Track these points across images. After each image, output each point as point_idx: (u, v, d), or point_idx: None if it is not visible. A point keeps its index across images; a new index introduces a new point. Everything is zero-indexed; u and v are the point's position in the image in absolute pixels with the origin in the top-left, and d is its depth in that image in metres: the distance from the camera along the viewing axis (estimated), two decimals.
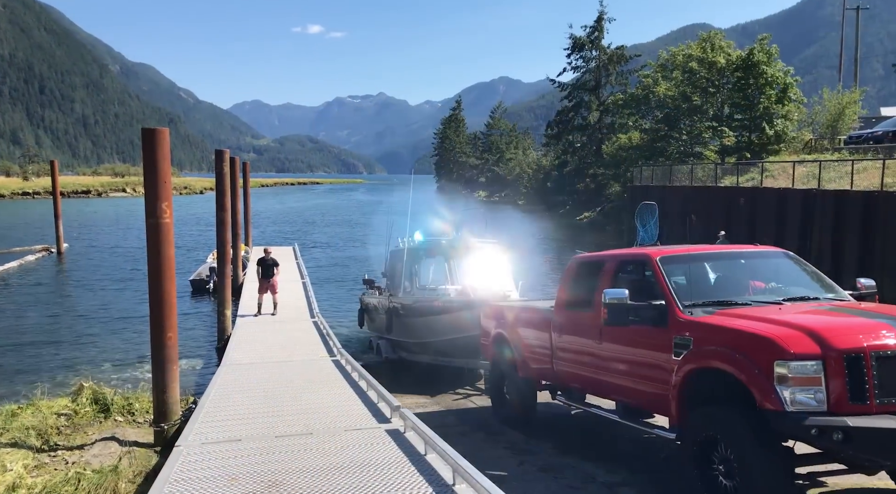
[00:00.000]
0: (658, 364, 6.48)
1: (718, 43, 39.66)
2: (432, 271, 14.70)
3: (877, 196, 19.75)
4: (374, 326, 16.60)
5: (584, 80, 66.10)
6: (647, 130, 44.72)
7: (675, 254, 7.36)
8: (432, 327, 13.03)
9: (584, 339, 7.82)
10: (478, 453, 8.70)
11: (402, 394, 11.46)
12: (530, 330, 9.13)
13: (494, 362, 10.22)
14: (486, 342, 10.52)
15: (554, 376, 8.74)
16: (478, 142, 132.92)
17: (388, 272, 16.05)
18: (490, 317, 10.49)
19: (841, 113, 35.82)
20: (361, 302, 17.75)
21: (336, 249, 40.68)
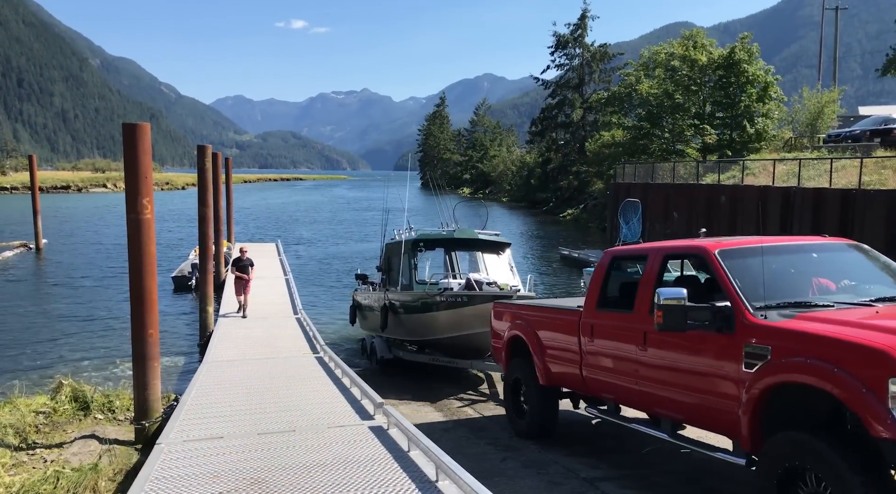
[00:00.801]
0: (722, 375, 5.53)
1: (700, 41, 39.97)
2: (432, 264, 14.03)
3: (855, 194, 20.03)
4: (368, 324, 15.88)
5: (567, 77, 66.40)
6: (630, 128, 44.97)
7: (737, 247, 6.28)
8: (433, 324, 12.22)
9: (623, 344, 6.83)
10: (461, 449, 8.73)
11: (399, 400, 11.16)
12: (555, 332, 8.15)
13: (510, 368, 9.13)
14: (499, 345, 9.46)
15: (583, 385, 7.76)
16: (462, 139, 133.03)
17: (384, 266, 15.17)
18: (503, 317, 9.40)
19: (820, 112, 36.26)
20: (353, 298, 16.91)
21: (320, 246, 40.54)
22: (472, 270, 13.30)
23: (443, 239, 13.88)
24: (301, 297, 18.65)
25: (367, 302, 15.75)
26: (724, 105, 37.96)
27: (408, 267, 13.35)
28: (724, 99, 37.94)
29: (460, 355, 12.48)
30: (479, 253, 13.83)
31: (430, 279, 13.05)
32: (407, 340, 14.16)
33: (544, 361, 8.27)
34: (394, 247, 14.57)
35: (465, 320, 11.39)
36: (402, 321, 13.31)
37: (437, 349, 13.22)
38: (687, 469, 7.96)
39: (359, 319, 16.63)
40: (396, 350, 14.25)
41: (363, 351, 15.49)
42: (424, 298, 12.29)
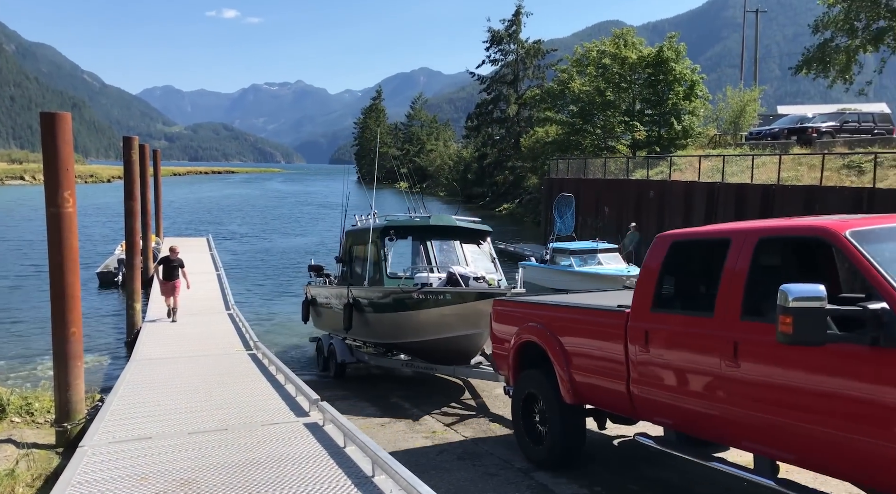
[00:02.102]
0: (881, 405, 4.09)
1: (630, 40, 41.00)
2: (405, 255, 12.68)
3: (774, 189, 21.00)
4: (325, 322, 14.36)
5: (502, 73, 67.04)
6: (563, 124, 45.80)
7: (875, 228, 4.75)
8: (410, 325, 10.77)
9: (698, 357, 5.36)
10: (397, 443, 8.75)
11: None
12: (588, 338, 6.71)
13: (521, 381, 7.68)
14: (503, 352, 8.01)
15: (628, 405, 6.25)
16: (399, 132, 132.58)
17: (345, 256, 13.43)
18: (509, 319, 7.96)
19: (742, 110, 37.79)
20: (306, 293, 15.35)
21: (254, 240, 39.72)
22: (448, 262, 11.75)
23: (416, 226, 12.18)
24: (234, 293, 18.24)
25: (323, 298, 14.22)
26: (653, 102, 39.10)
27: (376, 258, 11.66)
28: (652, 96, 39.07)
29: (441, 360, 11.08)
30: (456, 243, 12.26)
31: (406, 273, 11.48)
32: (376, 343, 12.70)
33: (570, 374, 6.81)
34: (357, 234, 12.89)
35: (449, 320, 10.04)
36: (370, 321, 11.85)
37: (412, 353, 11.88)
38: (616, 458, 8.21)
39: (312, 316, 15.15)
40: (360, 353, 12.90)
41: (318, 352, 14.05)
42: (398, 295, 10.77)
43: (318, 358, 14.05)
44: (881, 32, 19.71)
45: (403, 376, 12.98)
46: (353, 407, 10.57)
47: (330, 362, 13.07)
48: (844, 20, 20.04)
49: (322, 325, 14.73)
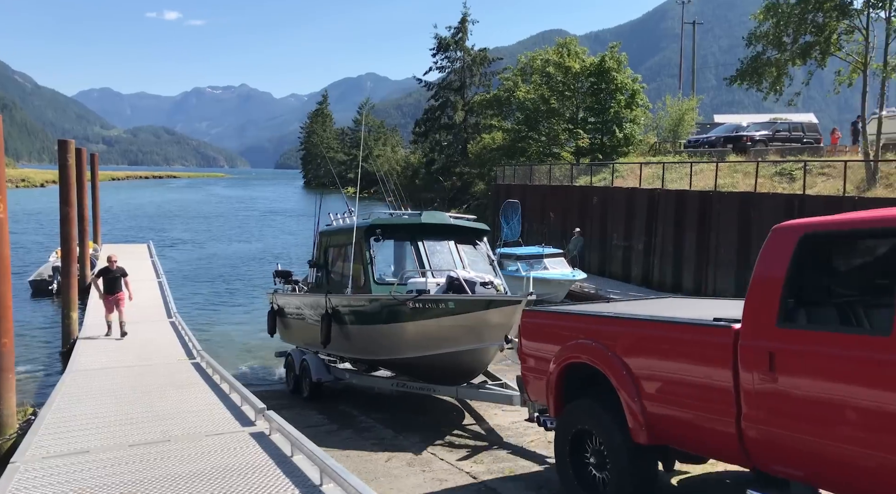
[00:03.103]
0: None
1: (574, 49, 41.87)
2: (395, 258, 11.37)
3: (711, 195, 21.72)
4: (296, 335, 13.06)
5: (449, 79, 67.41)
6: (509, 131, 46.36)
7: None
8: (404, 339, 9.53)
9: (867, 390, 4.03)
10: (346, 451, 8.71)
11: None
12: (672, 360, 5.28)
13: (568, 413, 6.26)
14: (538, 375, 6.67)
15: (738, 449, 4.87)
16: (346, 137, 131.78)
17: (319, 260, 12.20)
18: (547, 333, 6.65)
19: (681, 119, 39.04)
20: (272, 302, 13.91)
21: (197, 247, 38.81)
22: (442, 265, 10.49)
23: (407, 224, 10.82)
24: (177, 301, 17.80)
25: (293, 308, 12.84)
26: (596, 111, 39.97)
27: (361, 261, 10.41)
28: (595, 105, 39.94)
29: (440, 379, 9.83)
30: (450, 244, 10.85)
31: (399, 279, 10.02)
32: (359, 359, 11.45)
33: (644, 406, 5.41)
34: (335, 235, 11.69)
35: (452, 333, 8.80)
36: (354, 334, 10.60)
37: (404, 371, 10.70)
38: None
39: (280, 329, 13.76)
40: (339, 370, 11.69)
41: (288, 370, 12.63)
42: (390, 304, 9.49)
43: (287, 376, 12.64)
44: (808, 47, 20.63)
45: (381, 396, 11.92)
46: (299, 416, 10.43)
47: (303, 381, 11.78)
48: (774, 35, 20.93)
49: (292, 338, 13.36)
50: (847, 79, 20.90)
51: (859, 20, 19.97)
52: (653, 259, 23.57)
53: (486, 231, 11.42)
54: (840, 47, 20.67)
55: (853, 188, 18.71)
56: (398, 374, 11.00)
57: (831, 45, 20.43)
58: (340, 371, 11.73)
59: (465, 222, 11.34)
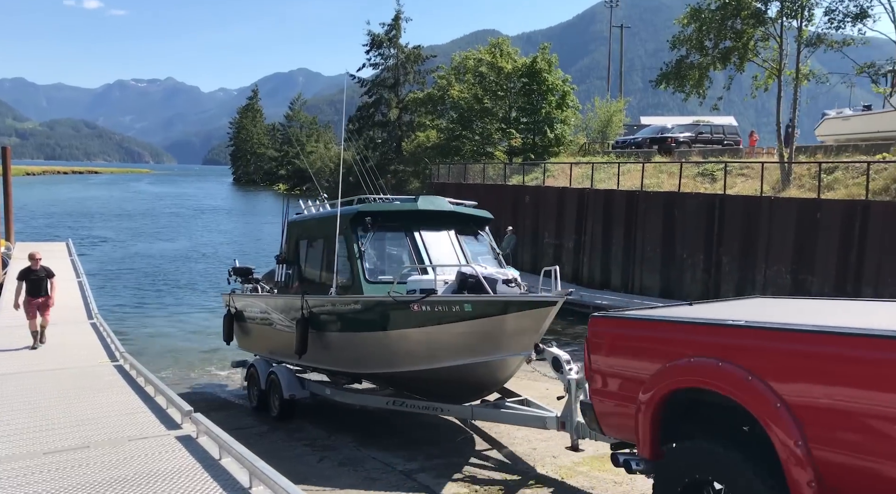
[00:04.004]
0: None
1: (506, 49, 42.37)
2: (384, 251, 9.51)
3: (638, 195, 22.40)
4: (259, 343, 11.58)
5: (383, 77, 67.13)
6: (444, 130, 46.52)
7: None
8: (407, 348, 8.18)
9: None
10: (278, 453, 8.58)
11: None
12: (869, 390, 3.76)
13: (677, 456, 4.76)
14: (622, 403, 5.14)
15: None
16: (277, 133, 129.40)
17: (290, 255, 10.64)
18: (636, 347, 5.14)
19: (609, 120, 40.05)
20: (229, 304, 12.36)
21: (120, 246, 37.34)
22: (442, 259, 9.09)
23: (401, 211, 9.53)
24: (98, 302, 17.06)
25: (257, 311, 11.33)
26: (528, 111, 40.56)
27: (348, 255, 8.98)
28: (527, 105, 40.53)
29: (447, 396, 8.39)
30: (450, 233, 9.46)
31: (398, 277, 8.33)
32: (344, 372, 10.00)
33: (815, 455, 3.94)
34: (311, 226, 10.36)
35: (467, 342, 7.52)
36: (339, 342, 9.26)
37: (402, 386, 9.33)
38: (500, 455, 8.48)
39: (238, 335, 12.29)
40: (315, 384, 10.23)
41: (250, 383, 11.12)
42: (389, 307, 8.15)
43: (249, 390, 11.13)
44: (728, 52, 21.55)
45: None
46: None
47: (271, 397, 10.32)
48: (697, 39, 21.78)
49: (254, 346, 11.89)
50: (763, 84, 21.92)
51: (774, 28, 20.99)
52: (582, 256, 24.14)
53: (490, 219, 10.10)
54: (757, 53, 21.67)
55: (769, 188, 19.65)
56: (395, 390, 9.53)
57: (749, 50, 21.41)
58: (318, 385, 10.16)
59: (467, 209, 9.95)
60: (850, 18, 19.13)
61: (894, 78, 20.43)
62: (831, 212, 17.12)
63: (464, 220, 9.80)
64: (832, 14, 19.47)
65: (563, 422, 7.31)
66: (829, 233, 17.01)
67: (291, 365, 10.69)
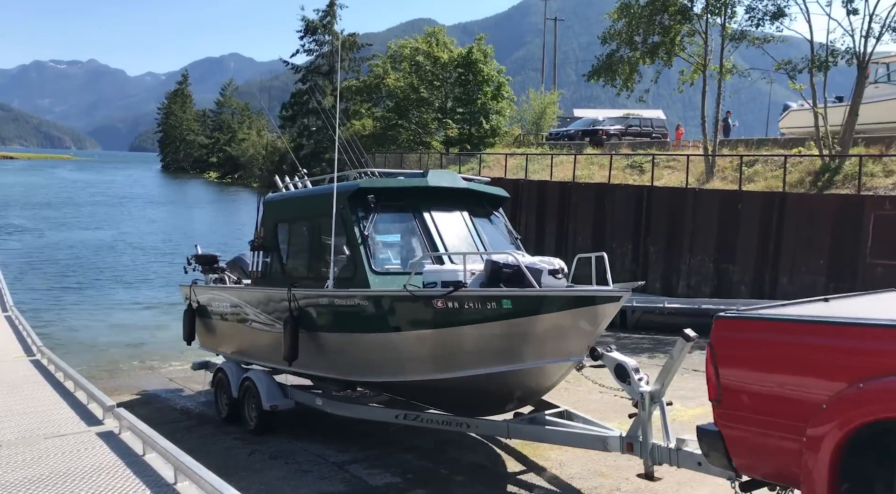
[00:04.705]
0: None
1: (442, 39, 42.38)
2: (392, 236, 8.10)
3: (570, 186, 22.85)
4: (232, 344, 10.12)
5: (317, 63, 66.18)
6: (380, 118, 46.24)
7: None
8: (428, 352, 6.93)
9: None
10: (206, 447, 8.40)
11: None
12: None
13: None
14: (772, 433, 4.07)
15: None
16: (207, 120, 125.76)
17: (268, 241, 9.04)
18: (797, 360, 4.00)
19: (543, 112, 40.64)
20: (189, 298, 10.73)
21: (40, 236, 35.61)
22: (460, 245, 7.84)
23: (408, 188, 8.09)
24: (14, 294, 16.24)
25: (226, 306, 9.85)
26: (464, 101, 40.75)
27: (347, 241, 7.58)
28: (463, 95, 40.71)
29: (472, 409, 7.18)
30: (463, 215, 8.19)
31: (413, 267, 7.06)
32: (339, 380, 8.50)
33: None
34: (298, 206, 9.08)
35: (505, 345, 6.32)
36: (339, 346, 7.92)
37: (416, 397, 7.96)
38: (431, 444, 8.53)
39: (201, 334, 10.81)
40: (301, 392, 8.89)
41: (219, 391, 9.72)
42: (404, 304, 6.91)
43: (218, 399, 9.78)
44: (656, 47, 22.19)
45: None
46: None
47: (245, 408, 9.03)
48: (626, 34, 22.36)
49: (222, 347, 10.42)
50: (690, 78, 22.67)
51: (699, 24, 21.72)
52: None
53: (506, 198, 8.99)
54: (683, 48, 22.39)
55: (694, 180, 20.37)
56: (408, 400, 8.14)
57: (675, 46, 22.09)
58: (306, 394, 8.76)
59: (483, 186, 8.78)
60: (769, 17, 19.98)
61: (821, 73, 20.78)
62: (751, 203, 17.88)
63: (477, 199, 8.54)
64: (753, 12, 20.31)
65: (630, 444, 6.02)
66: (749, 224, 17.78)
67: (266, 367, 9.29)
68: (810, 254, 16.51)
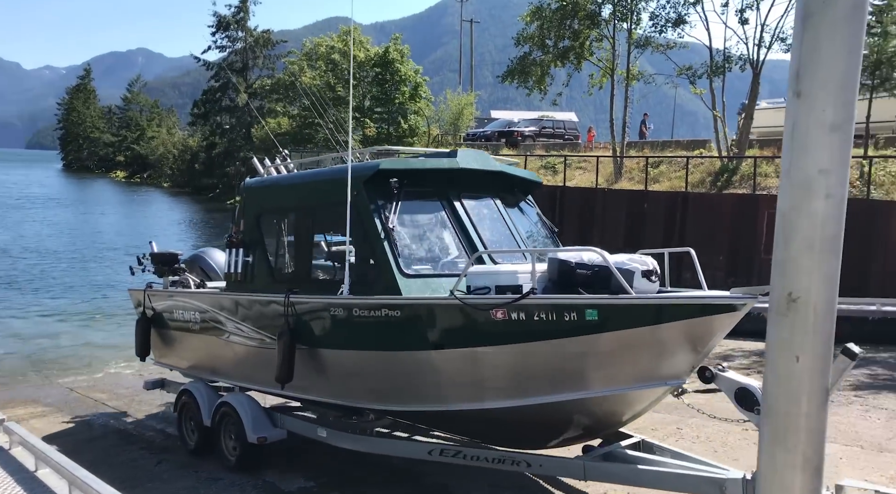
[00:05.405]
0: None
1: (358, 38, 42.12)
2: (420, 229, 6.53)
3: None
4: (200, 361, 8.51)
5: (231, 60, 64.49)
6: (295, 117, 45.51)
7: None
8: (485, 374, 5.40)
9: None
10: (109, 459, 8.06)
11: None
12: None
13: None
14: None
15: None
16: (113, 117, 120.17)
17: (251, 235, 7.51)
18: None
19: (461, 112, 41.06)
20: (143, 305, 9.14)
21: None
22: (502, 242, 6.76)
23: (436, 170, 6.59)
24: None
25: (193, 315, 8.18)
26: (382, 101, 40.66)
27: (365, 235, 6.13)
28: (381, 95, 40.60)
29: (527, 442, 5.87)
30: (495, 203, 6.93)
31: (465, 268, 5.54)
32: (355, 408, 6.83)
33: None
34: (290, 194, 7.42)
35: (585, 365, 4.99)
36: (350, 366, 6.33)
37: (455, 428, 6.47)
38: None
39: (157, 347, 9.21)
40: (294, 420, 7.27)
41: (181, 417, 8.18)
42: (451, 313, 5.41)
43: (182, 426, 8.19)
44: (566, 50, 22.86)
45: None
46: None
47: (223, 439, 7.48)
48: (539, 37, 22.94)
49: (185, 363, 8.91)
50: (599, 82, 23.47)
51: (607, 30, 22.52)
52: None
53: (539, 184, 7.76)
54: (592, 53, 23.15)
55: (604, 181, 21.10)
56: (445, 432, 6.83)
57: (585, 50, 22.82)
58: (303, 422, 7.21)
59: (514, 168, 7.45)
60: (671, 23, 20.96)
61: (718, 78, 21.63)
62: (657, 202, 18.69)
63: (508, 184, 7.21)
64: (656, 19, 21.24)
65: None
66: (655, 222, 18.58)
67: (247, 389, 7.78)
68: (711, 250, 17.41)
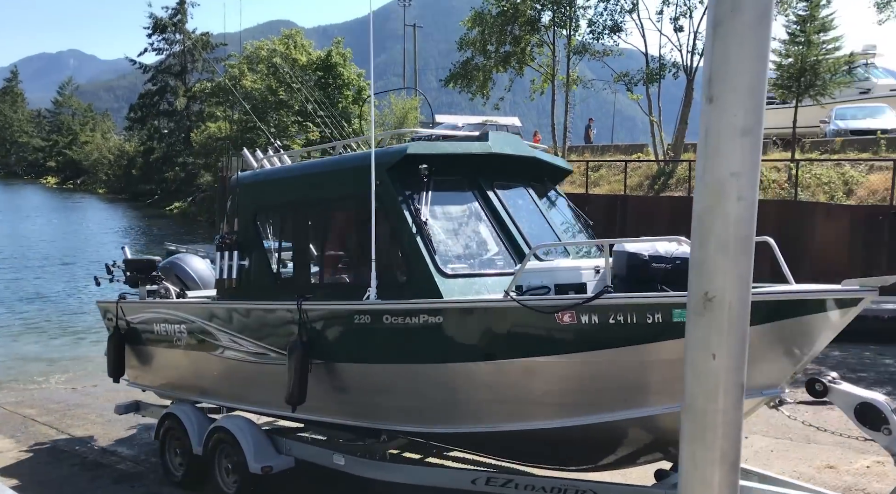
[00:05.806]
0: None
1: (300, 41, 41.70)
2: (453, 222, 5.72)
3: None
4: (185, 380, 7.64)
5: (168, 63, 63.02)
6: (236, 121, 44.74)
7: None
8: (548, 388, 4.65)
9: None
10: (38, 477, 7.78)
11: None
12: None
13: None
14: None
15: None
16: (43, 121, 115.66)
17: (247, 237, 6.67)
18: None
19: (405, 117, 41.05)
20: (115, 318, 8.09)
21: None
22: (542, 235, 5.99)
23: (467, 155, 5.77)
24: None
25: (178, 329, 7.22)
26: (324, 105, 40.36)
27: (392, 231, 5.39)
28: (324, 99, 40.29)
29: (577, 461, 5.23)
30: (528, 191, 6.28)
31: (522, 267, 4.73)
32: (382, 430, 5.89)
33: None
34: (294, 187, 6.57)
35: (672, 376, 3.87)
36: (378, 381, 5.48)
37: (505, 451, 5.66)
38: None
39: (134, 367, 8.22)
40: (312, 449, 6.33)
41: (164, 440, 7.31)
42: (501, 318, 4.71)
43: (165, 453, 7.37)
44: (508, 56, 23.18)
45: None
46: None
47: (217, 469, 6.57)
48: (480, 42, 23.21)
49: (167, 384, 8.01)
50: (540, 87, 23.86)
51: (547, 36, 22.93)
52: None
53: (570, 172, 7.32)
54: (533, 58, 23.54)
55: None
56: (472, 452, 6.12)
57: (526, 55, 23.18)
58: (314, 449, 6.30)
59: (545, 153, 6.78)
60: (608, 30, 21.48)
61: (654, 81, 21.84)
62: (597, 205, 19.10)
63: (538, 171, 6.48)
64: (594, 26, 21.73)
65: None
66: (595, 224, 18.95)
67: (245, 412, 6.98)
68: None
